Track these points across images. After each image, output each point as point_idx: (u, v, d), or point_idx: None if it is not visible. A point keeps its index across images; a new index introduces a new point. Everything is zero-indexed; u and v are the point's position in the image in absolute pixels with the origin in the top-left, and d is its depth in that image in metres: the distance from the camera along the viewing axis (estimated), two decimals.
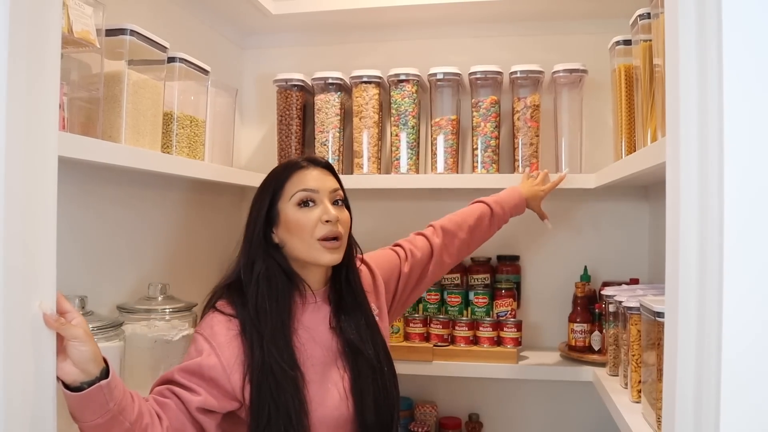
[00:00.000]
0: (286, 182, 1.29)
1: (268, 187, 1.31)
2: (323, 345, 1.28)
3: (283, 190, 1.29)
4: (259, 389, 1.17)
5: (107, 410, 0.96)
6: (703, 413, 0.68)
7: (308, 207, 1.27)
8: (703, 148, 0.68)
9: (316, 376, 1.24)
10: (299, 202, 1.27)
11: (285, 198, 1.28)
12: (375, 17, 2.00)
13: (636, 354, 1.33)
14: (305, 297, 1.30)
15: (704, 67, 0.68)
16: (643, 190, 1.97)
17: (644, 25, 1.32)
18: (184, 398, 1.13)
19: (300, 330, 1.26)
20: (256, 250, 1.28)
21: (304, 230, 1.26)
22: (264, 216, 1.29)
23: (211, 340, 1.19)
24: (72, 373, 0.93)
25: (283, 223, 1.28)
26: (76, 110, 1.22)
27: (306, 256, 1.27)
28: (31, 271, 0.85)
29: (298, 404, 1.17)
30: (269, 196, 1.29)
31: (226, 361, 1.17)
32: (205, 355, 1.17)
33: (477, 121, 1.87)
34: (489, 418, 2.05)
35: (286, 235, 1.28)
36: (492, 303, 1.92)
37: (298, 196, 1.27)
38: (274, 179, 1.31)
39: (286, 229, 1.28)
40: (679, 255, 0.71)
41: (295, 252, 1.28)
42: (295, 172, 1.30)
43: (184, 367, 1.16)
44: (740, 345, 0.64)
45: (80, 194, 1.39)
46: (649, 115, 1.26)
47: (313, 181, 1.29)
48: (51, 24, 0.88)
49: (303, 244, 1.26)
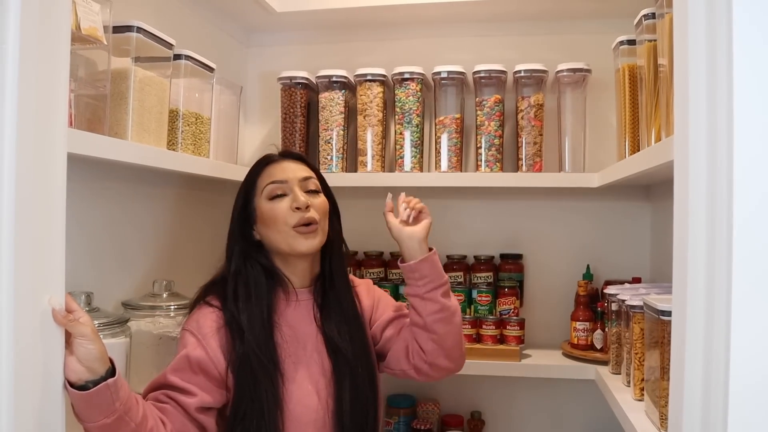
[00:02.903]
0: (257, 178, 1.32)
1: (243, 185, 1.34)
2: (306, 343, 1.27)
3: (255, 186, 1.31)
4: (238, 381, 1.18)
5: (114, 410, 0.95)
6: (711, 413, 0.68)
7: (279, 198, 1.28)
8: (712, 147, 0.68)
9: (296, 374, 1.23)
10: (270, 195, 1.29)
11: (258, 193, 1.30)
12: (379, 15, 2.00)
13: (639, 352, 1.34)
14: (289, 293, 1.31)
15: (714, 65, 0.68)
16: (646, 189, 1.98)
17: (649, 25, 1.32)
18: (181, 401, 1.13)
19: (284, 326, 1.26)
20: (232, 248, 1.31)
21: (277, 221, 1.27)
22: (239, 214, 1.32)
23: (197, 333, 1.21)
24: (78, 371, 0.92)
25: (259, 219, 1.30)
26: (83, 107, 1.22)
27: (285, 246, 1.28)
28: (40, 267, 0.86)
29: (272, 400, 1.18)
30: (243, 194, 1.33)
31: (212, 352, 1.19)
32: (191, 347, 1.18)
33: (481, 119, 1.88)
34: (491, 415, 2.05)
35: (264, 229, 1.30)
36: (495, 301, 1.92)
37: (268, 189, 1.29)
38: (248, 177, 1.34)
39: (263, 223, 1.29)
40: (687, 254, 0.71)
41: (274, 245, 1.29)
42: (265, 167, 1.33)
43: (174, 366, 1.17)
44: (749, 344, 0.64)
45: (86, 190, 1.39)
46: (653, 114, 1.26)
47: (281, 172, 1.30)
48: (61, 21, 0.89)
49: (279, 235, 1.27)
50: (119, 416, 0.96)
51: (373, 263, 2.03)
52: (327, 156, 1.95)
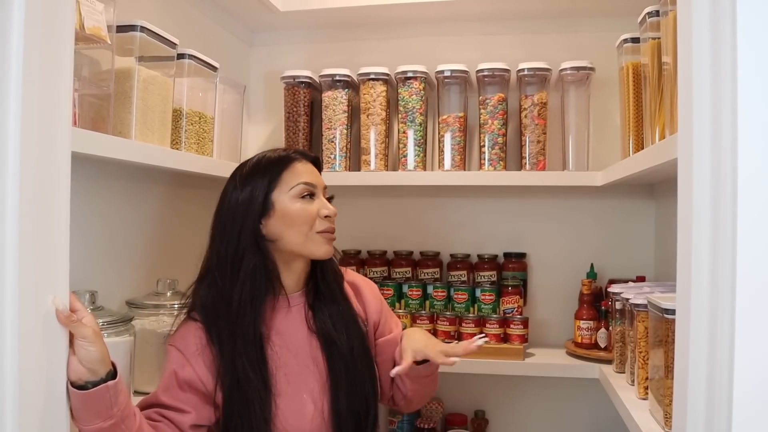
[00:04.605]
0: (283, 172, 1.25)
1: (261, 175, 1.25)
2: (298, 352, 1.25)
3: (279, 180, 1.24)
4: (227, 400, 1.16)
5: (111, 415, 0.94)
6: (715, 411, 0.67)
7: (307, 199, 1.25)
8: (716, 145, 0.67)
9: (290, 387, 1.21)
10: (299, 194, 1.24)
11: (282, 189, 1.24)
12: (382, 14, 2.00)
13: (643, 351, 1.34)
14: (278, 300, 1.26)
15: (717, 62, 0.68)
16: (650, 188, 1.97)
17: (653, 23, 1.32)
18: (175, 420, 1.12)
19: (273, 337, 1.24)
20: (247, 241, 1.22)
21: (305, 223, 1.23)
22: (261, 205, 1.23)
23: (184, 351, 1.18)
24: (79, 371, 0.92)
25: (278, 215, 1.23)
26: (87, 106, 1.23)
27: (300, 248, 1.24)
28: (44, 266, 0.86)
29: (261, 419, 1.16)
30: (262, 183, 1.24)
31: (200, 371, 1.16)
32: (179, 367, 1.16)
33: (484, 118, 1.87)
34: (495, 414, 2.05)
35: (281, 226, 1.23)
36: (498, 300, 1.92)
37: (300, 189, 1.24)
38: (268, 168, 1.25)
39: (283, 220, 1.23)
40: (691, 252, 0.71)
41: (289, 245, 1.24)
42: (291, 163, 1.27)
43: (165, 386, 1.16)
44: (753, 342, 0.64)
45: (89, 190, 1.39)
46: (657, 112, 1.26)
47: (311, 175, 1.28)
48: (65, 20, 0.89)
49: (300, 237, 1.23)
50: (116, 422, 0.95)
51: (377, 262, 2.03)
52: (330, 155, 1.95)
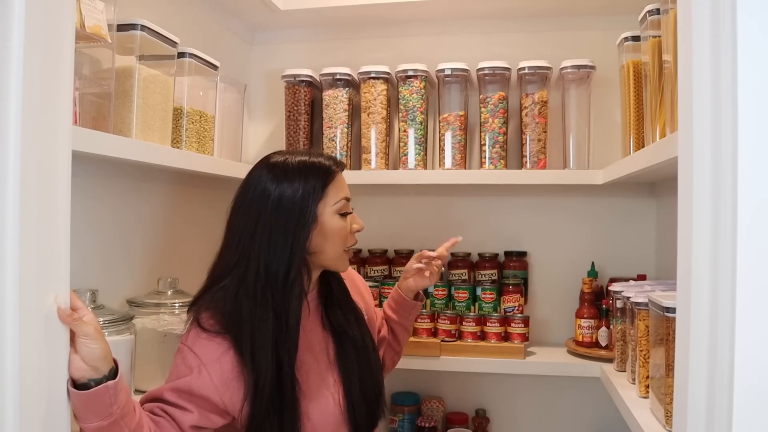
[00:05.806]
0: (329, 186, 1.21)
1: (313, 185, 1.20)
2: (318, 349, 1.25)
3: (325, 193, 1.21)
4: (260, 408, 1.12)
5: (110, 413, 0.94)
6: (715, 409, 0.67)
7: (345, 216, 1.24)
8: (717, 143, 0.67)
9: (313, 384, 1.21)
10: (340, 210, 1.22)
11: (327, 203, 1.21)
12: (383, 13, 2.00)
13: (644, 349, 1.34)
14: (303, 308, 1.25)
15: (718, 61, 0.68)
16: (650, 186, 1.97)
17: (653, 21, 1.32)
18: (176, 417, 1.10)
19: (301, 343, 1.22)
20: (299, 256, 1.18)
21: (343, 241, 1.23)
22: (313, 215, 1.18)
23: (201, 357, 1.12)
24: (81, 369, 0.92)
25: (319, 228, 1.20)
26: (88, 105, 1.23)
27: (331, 263, 1.25)
28: (45, 264, 0.86)
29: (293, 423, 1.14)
30: (304, 195, 1.18)
31: (217, 379, 1.11)
32: (195, 374, 1.11)
33: (485, 117, 1.87)
34: (496, 413, 2.05)
35: (321, 241, 1.20)
36: (499, 299, 1.92)
37: (341, 205, 1.22)
38: (318, 179, 1.20)
39: (323, 235, 1.20)
40: (692, 250, 0.71)
41: (325, 260, 1.24)
42: (335, 176, 1.23)
43: (174, 387, 1.11)
44: (754, 340, 0.64)
45: (90, 188, 1.39)
46: (658, 111, 1.26)
47: (346, 188, 1.26)
48: (65, 19, 0.89)
49: (335, 252, 1.23)
50: (115, 420, 0.95)
51: (378, 261, 2.03)
52: (331, 153, 1.95)
